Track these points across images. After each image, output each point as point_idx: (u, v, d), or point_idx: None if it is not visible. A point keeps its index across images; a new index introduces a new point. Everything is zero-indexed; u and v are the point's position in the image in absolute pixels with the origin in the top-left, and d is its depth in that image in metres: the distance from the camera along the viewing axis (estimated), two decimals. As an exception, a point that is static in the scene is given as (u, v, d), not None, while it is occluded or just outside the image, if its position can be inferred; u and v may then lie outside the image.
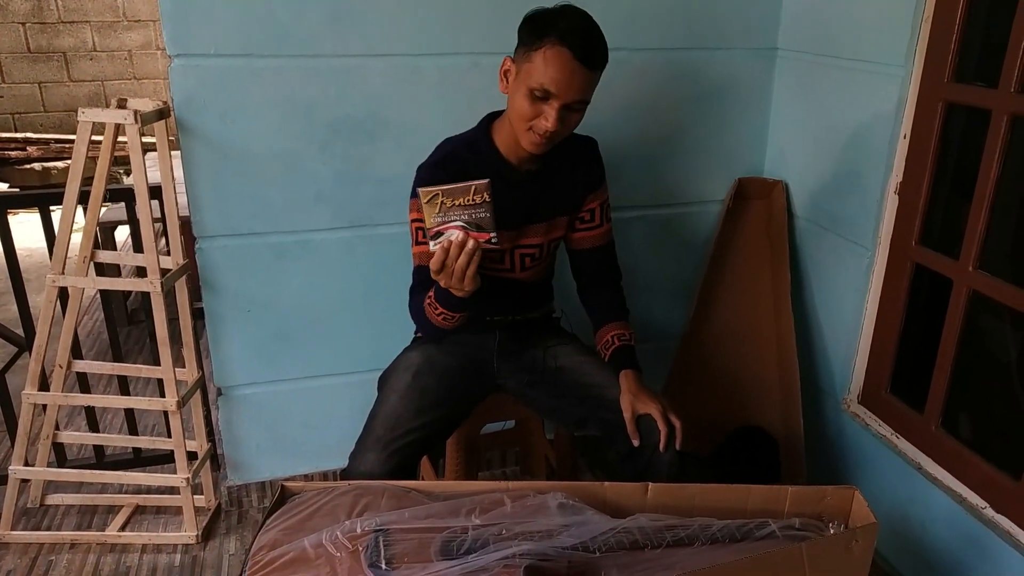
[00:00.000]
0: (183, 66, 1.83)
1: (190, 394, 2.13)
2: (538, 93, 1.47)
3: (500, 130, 1.63)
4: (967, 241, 1.67)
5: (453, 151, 1.64)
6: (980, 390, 1.90)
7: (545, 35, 1.45)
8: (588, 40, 1.48)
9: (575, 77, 1.46)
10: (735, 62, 2.18)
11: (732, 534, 1.39)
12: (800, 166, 2.18)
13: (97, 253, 2.04)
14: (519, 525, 1.34)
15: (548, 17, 1.48)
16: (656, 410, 1.60)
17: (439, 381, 1.70)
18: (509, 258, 1.71)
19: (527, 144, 1.55)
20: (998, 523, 1.63)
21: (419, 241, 1.59)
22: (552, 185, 1.69)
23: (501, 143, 1.63)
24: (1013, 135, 1.57)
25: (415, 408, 1.64)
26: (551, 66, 1.45)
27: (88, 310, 3.57)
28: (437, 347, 1.76)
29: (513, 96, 1.52)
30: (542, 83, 1.46)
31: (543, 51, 1.45)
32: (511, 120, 1.55)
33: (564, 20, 1.47)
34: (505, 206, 1.58)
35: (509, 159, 1.63)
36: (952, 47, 1.66)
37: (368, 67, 1.93)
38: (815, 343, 2.20)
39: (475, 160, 1.61)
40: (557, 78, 1.45)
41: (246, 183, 1.95)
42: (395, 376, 1.72)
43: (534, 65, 1.47)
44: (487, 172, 1.49)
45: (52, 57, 6.06)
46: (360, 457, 1.59)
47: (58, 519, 2.21)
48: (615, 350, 1.74)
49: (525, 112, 1.50)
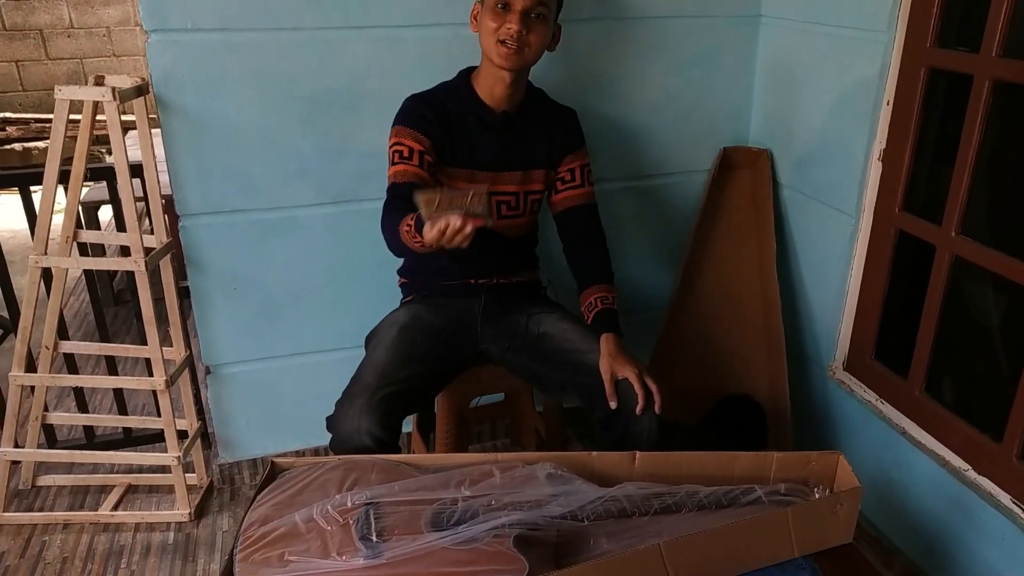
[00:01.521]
0: (160, 41, 1.80)
1: (178, 373, 2.12)
2: (500, 5, 1.61)
3: (478, 77, 1.75)
4: (949, 207, 1.68)
5: (434, 91, 1.77)
6: (963, 355, 1.92)
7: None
8: None
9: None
10: (718, 30, 2.17)
11: (719, 500, 1.41)
12: (784, 135, 2.17)
13: (80, 233, 2.02)
14: (508, 496, 1.35)
15: None
16: (633, 374, 1.62)
17: (425, 336, 1.75)
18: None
19: (497, 58, 1.65)
20: (980, 485, 1.66)
21: (394, 162, 1.68)
22: (528, 136, 1.78)
23: (479, 87, 1.74)
24: (995, 100, 1.57)
25: (402, 357, 1.68)
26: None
27: (74, 291, 3.55)
28: (422, 306, 1.81)
29: (481, 23, 1.66)
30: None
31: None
32: (483, 46, 1.67)
33: None
34: (482, 147, 1.74)
35: (487, 102, 1.73)
36: (934, 12, 1.66)
37: (348, 39, 1.91)
38: (801, 311, 2.21)
39: (454, 101, 1.74)
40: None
41: (228, 160, 1.93)
42: (382, 331, 1.78)
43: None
44: (469, 115, 1.69)
45: (28, 35, 5.95)
46: (347, 404, 1.60)
47: (50, 500, 2.21)
48: (597, 312, 1.76)
49: (491, 27, 1.63)
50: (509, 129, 1.76)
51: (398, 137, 1.70)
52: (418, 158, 1.68)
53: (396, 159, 1.68)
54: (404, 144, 1.68)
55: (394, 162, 1.69)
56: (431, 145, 1.69)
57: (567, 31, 2.04)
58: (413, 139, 1.68)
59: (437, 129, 1.70)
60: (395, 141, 1.70)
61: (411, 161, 1.67)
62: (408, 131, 1.69)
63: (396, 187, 1.67)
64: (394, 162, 1.69)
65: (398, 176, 1.67)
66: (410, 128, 1.69)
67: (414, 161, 1.68)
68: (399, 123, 1.71)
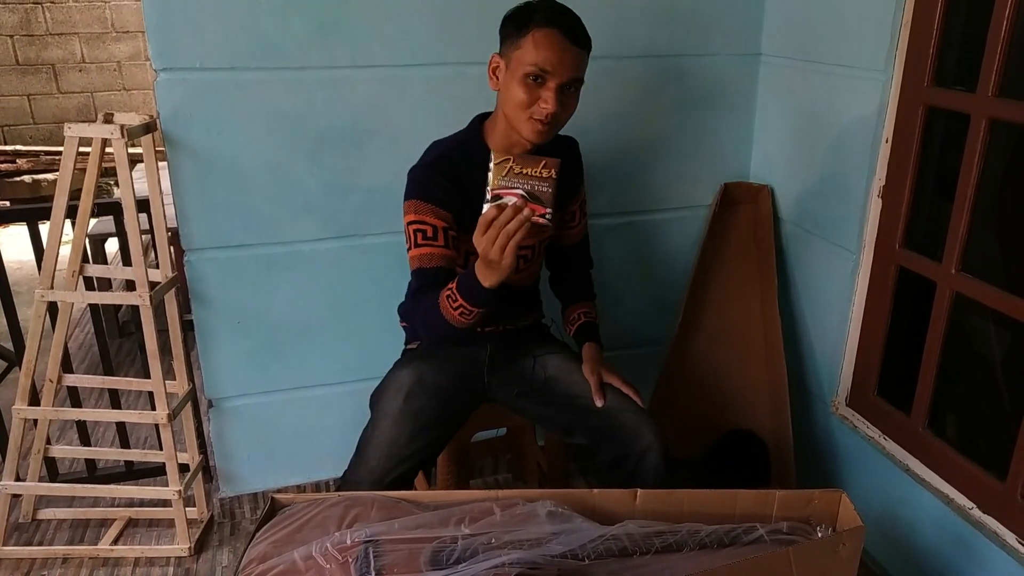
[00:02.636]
0: (169, 80, 1.83)
1: (181, 406, 2.13)
2: (532, 77, 1.49)
3: (491, 130, 1.64)
4: (949, 244, 1.68)
5: (445, 153, 1.63)
6: (965, 391, 1.91)
7: (530, 22, 1.50)
8: (573, 20, 1.53)
9: (566, 54, 1.49)
10: (719, 68, 2.20)
11: (720, 539, 1.40)
12: (785, 170, 2.19)
13: (86, 267, 2.04)
14: (508, 534, 1.34)
15: (528, 8, 1.53)
16: (618, 379, 1.72)
17: (431, 401, 1.69)
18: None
19: (528, 133, 1.54)
20: (985, 523, 1.64)
21: (418, 243, 1.57)
22: None
23: (493, 142, 1.62)
24: (992, 138, 1.58)
25: (408, 433, 1.64)
26: (541, 47, 1.48)
27: (79, 322, 3.57)
28: (427, 364, 1.74)
29: (507, 88, 1.53)
30: (536, 63, 1.48)
31: (531, 36, 1.49)
32: (507, 113, 1.56)
33: (545, 7, 1.52)
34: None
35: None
36: (931, 52, 1.68)
37: (354, 78, 1.94)
38: (803, 346, 2.21)
39: (466, 161, 1.61)
40: (550, 57, 1.48)
41: (234, 195, 1.96)
42: (386, 398, 1.70)
43: (524, 51, 1.49)
44: (479, 173, 1.49)
45: (41, 69, 6.05)
46: (355, 486, 1.60)
47: (50, 534, 2.20)
48: (580, 325, 1.84)
49: (522, 100, 1.51)
50: None
51: (418, 214, 1.56)
52: (443, 236, 1.56)
53: (419, 239, 1.56)
54: (426, 223, 1.56)
55: (417, 243, 1.56)
56: (452, 218, 1.58)
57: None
58: (434, 215, 1.56)
59: (455, 198, 1.58)
60: (415, 219, 1.56)
61: (436, 241, 1.56)
62: (427, 207, 1.56)
63: (424, 273, 1.56)
64: (417, 243, 1.56)
65: (424, 260, 1.55)
66: (428, 203, 1.56)
67: (439, 241, 1.56)
68: (415, 197, 1.57)
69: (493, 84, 1.58)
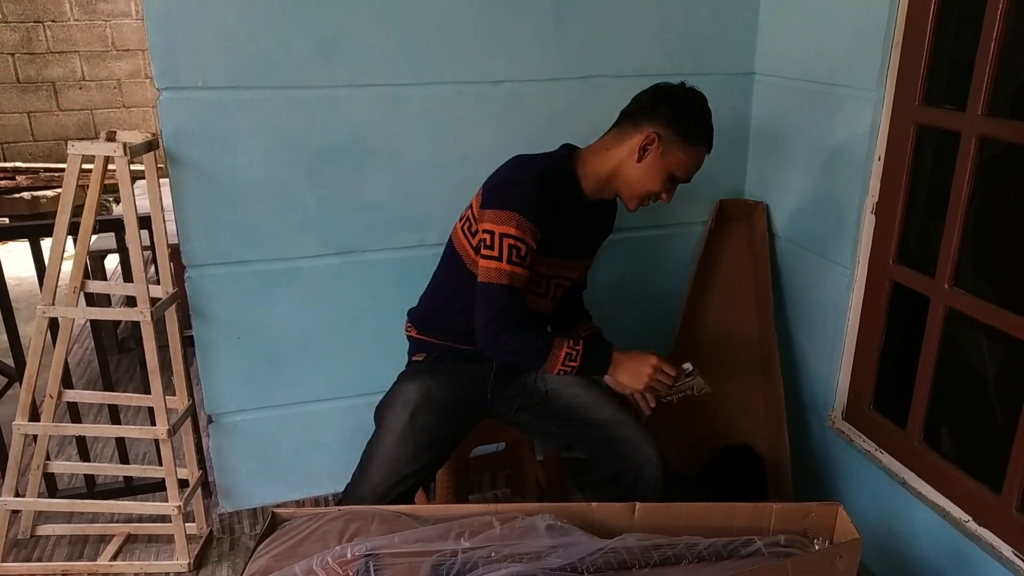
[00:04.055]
0: (171, 99, 1.86)
1: (181, 422, 2.13)
2: (671, 182, 1.66)
3: (589, 161, 1.70)
4: (942, 259, 1.71)
5: (544, 173, 1.62)
6: (960, 405, 1.93)
7: (703, 138, 1.65)
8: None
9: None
10: (714, 87, 2.19)
11: (718, 552, 1.41)
12: (779, 188, 2.22)
13: (87, 283, 2.05)
14: (508, 547, 1.35)
15: (700, 114, 1.65)
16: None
17: (437, 418, 1.70)
18: (546, 285, 1.74)
19: (630, 206, 1.71)
20: (981, 536, 1.66)
21: (512, 260, 1.56)
22: (598, 224, 1.81)
23: (584, 175, 1.70)
24: (982, 156, 1.61)
25: (412, 450, 1.66)
26: (698, 161, 1.67)
27: (78, 338, 3.57)
28: (434, 379, 1.75)
29: (649, 171, 1.64)
30: (689, 174, 1.67)
31: (698, 149, 1.65)
32: (627, 180, 1.66)
33: (708, 118, 1.67)
34: (572, 236, 1.70)
35: (586, 192, 1.71)
36: (921, 71, 1.71)
37: (354, 97, 1.97)
38: (799, 361, 2.23)
39: (561, 188, 1.66)
40: (696, 170, 1.69)
41: (234, 212, 1.98)
42: (392, 413, 1.71)
43: (688, 158, 1.64)
44: (569, 201, 1.65)
45: (41, 87, 6.08)
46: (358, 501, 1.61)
47: (49, 549, 2.20)
48: (588, 335, 1.89)
49: (655, 190, 1.66)
50: (592, 218, 1.76)
51: (520, 231, 1.55)
52: (531, 258, 1.59)
53: (514, 256, 1.55)
54: (525, 241, 1.56)
55: (511, 259, 1.55)
56: (541, 241, 1.60)
57: (564, 87, 2.10)
58: (532, 236, 1.57)
59: (550, 221, 1.60)
60: (516, 235, 1.55)
61: (526, 261, 1.58)
62: (529, 225, 1.56)
63: (514, 292, 1.58)
64: (511, 259, 1.55)
65: (516, 279, 1.58)
66: (533, 223, 1.56)
67: (527, 261, 1.58)
68: (521, 212, 1.55)
69: (637, 157, 1.63)
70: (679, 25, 2.13)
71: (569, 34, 2.05)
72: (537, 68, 2.06)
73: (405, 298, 1.91)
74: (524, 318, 1.62)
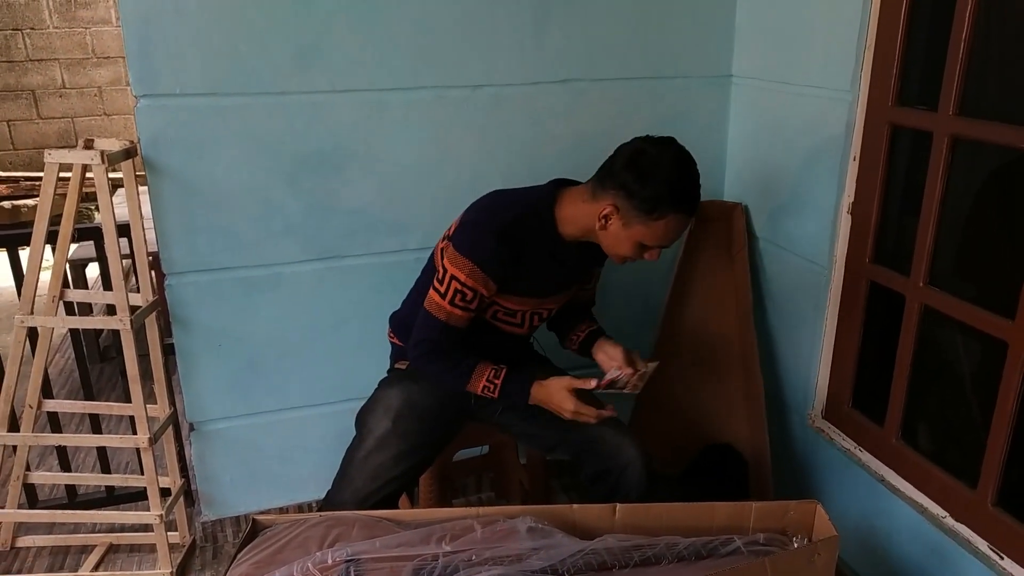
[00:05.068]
0: (149, 106, 1.86)
1: (162, 430, 2.12)
2: (648, 248, 1.59)
3: (566, 207, 1.64)
4: (916, 258, 1.73)
5: (515, 222, 1.61)
6: (937, 402, 1.95)
7: (664, 208, 1.52)
8: (698, 195, 1.58)
9: (687, 228, 1.62)
10: (692, 90, 2.25)
11: (698, 551, 1.42)
12: (758, 188, 2.24)
13: (66, 292, 2.04)
14: (489, 550, 1.36)
15: (661, 184, 1.51)
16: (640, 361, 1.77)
17: (419, 423, 1.71)
18: (523, 318, 1.75)
19: (616, 262, 1.68)
20: (958, 532, 1.67)
21: (454, 303, 1.60)
22: (582, 262, 1.76)
23: (562, 219, 1.64)
24: (955, 155, 1.63)
25: (395, 455, 1.66)
26: (671, 231, 1.57)
27: (59, 347, 3.55)
28: (417, 385, 1.75)
29: (617, 241, 1.59)
30: (662, 244, 1.59)
31: (665, 222, 1.54)
32: (606, 248, 1.63)
33: (679, 186, 1.53)
34: (546, 277, 1.68)
35: (563, 235, 1.66)
36: (894, 73, 1.73)
37: (334, 102, 1.97)
38: (779, 360, 2.25)
39: (532, 233, 1.62)
40: (675, 237, 1.60)
41: (214, 219, 1.97)
42: (374, 418, 1.72)
43: (653, 231, 1.55)
44: (541, 245, 1.62)
45: (21, 95, 6.04)
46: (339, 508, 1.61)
47: (30, 561, 2.18)
48: (591, 331, 1.85)
49: (630, 255, 1.62)
50: (572, 258, 1.71)
51: (470, 278, 1.58)
52: (478, 302, 1.62)
53: (458, 300, 1.59)
54: (472, 289, 1.59)
55: (454, 302, 1.60)
56: (496, 289, 1.63)
57: (544, 91, 2.11)
58: (483, 284, 1.59)
59: (508, 272, 1.62)
60: (465, 281, 1.58)
61: (471, 306, 1.61)
62: (482, 275, 1.58)
63: (449, 331, 1.63)
64: (454, 302, 1.60)
65: (453, 319, 1.62)
66: (485, 273, 1.58)
67: (473, 306, 1.62)
68: (475, 262, 1.57)
69: (599, 225, 1.58)
70: (657, 29, 2.15)
71: (548, 38, 2.06)
72: (516, 72, 2.07)
73: (387, 302, 1.92)
74: (452, 349, 1.65)
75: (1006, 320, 1.53)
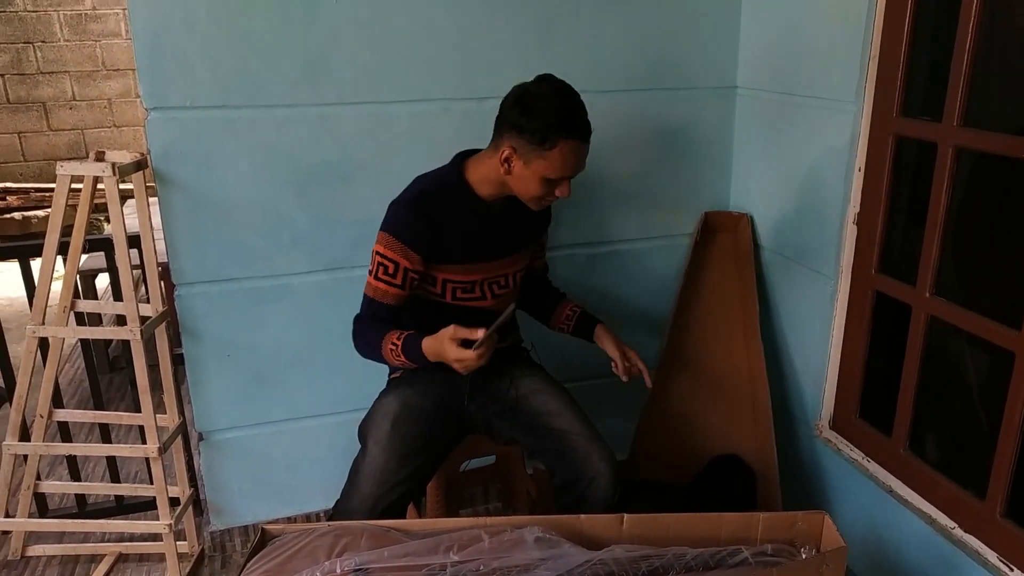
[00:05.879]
0: (159, 119, 1.88)
1: (171, 440, 2.14)
2: (556, 180, 1.61)
3: (474, 170, 1.71)
4: (922, 268, 1.73)
5: (426, 190, 1.70)
6: (944, 412, 1.95)
7: (554, 136, 1.55)
8: (585, 120, 1.60)
9: (584, 155, 1.63)
10: (697, 101, 2.26)
11: (706, 562, 1.42)
12: (763, 199, 2.25)
13: (77, 302, 2.06)
14: (496, 560, 1.36)
15: (547, 113, 1.55)
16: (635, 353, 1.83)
17: (418, 425, 1.73)
18: (480, 289, 1.77)
19: (533, 207, 1.69)
20: (967, 543, 1.67)
21: (378, 276, 1.67)
22: (517, 223, 1.79)
23: (475, 182, 1.70)
24: (959, 166, 1.64)
25: (398, 458, 1.67)
26: (568, 158, 1.59)
27: (69, 357, 3.57)
28: (411, 389, 1.78)
29: (523, 180, 1.62)
30: (563, 174, 1.60)
31: (559, 149, 1.56)
32: (516, 191, 1.66)
33: (564, 113, 1.57)
34: (479, 241, 1.71)
35: (482, 197, 1.71)
36: (898, 83, 1.74)
37: (341, 115, 1.99)
38: (786, 371, 2.25)
39: (446, 200, 1.69)
40: (574, 164, 1.61)
41: (224, 230, 1.99)
42: (374, 426, 1.73)
43: (550, 163, 1.58)
44: (457, 212, 1.65)
45: (32, 107, 6.10)
46: (348, 516, 1.62)
47: (40, 570, 2.19)
48: (579, 316, 1.91)
49: (540, 193, 1.63)
50: (500, 218, 1.75)
51: (388, 248, 1.64)
52: (402, 276, 1.66)
53: (380, 273, 1.66)
54: (392, 259, 1.64)
55: (377, 276, 1.66)
56: (420, 260, 1.66)
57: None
58: (403, 255, 1.64)
59: (429, 238, 1.65)
60: (383, 252, 1.65)
61: (395, 280, 1.65)
62: (399, 244, 1.63)
63: (375, 305, 1.69)
64: (377, 276, 1.66)
65: (378, 294, 1.67)
66: (401, 242, 1.63)
67: (397, 280, 1.66)
68: (390, 232, 1.65)
69: (503, 170, 1.62)
70: (662, 41, 2.17)
71: (553, 50, 2.08)
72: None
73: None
74: (376, 323, 1.68)
75: (1013, 330, 1.53)
